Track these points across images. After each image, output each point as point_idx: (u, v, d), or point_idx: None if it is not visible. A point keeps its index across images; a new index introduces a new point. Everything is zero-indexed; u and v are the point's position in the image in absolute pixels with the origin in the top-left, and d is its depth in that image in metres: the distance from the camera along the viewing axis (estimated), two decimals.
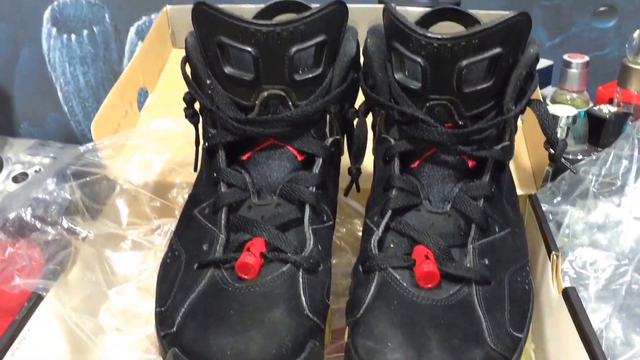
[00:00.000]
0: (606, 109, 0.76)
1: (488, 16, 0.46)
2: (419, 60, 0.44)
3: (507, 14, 0.43)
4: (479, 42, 0.43)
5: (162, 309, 0.45)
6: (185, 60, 0.49)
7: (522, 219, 0.55)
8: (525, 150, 0.68)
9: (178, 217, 0.53)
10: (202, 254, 0.46)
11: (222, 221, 0.46)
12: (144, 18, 1.04)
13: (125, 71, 0.72)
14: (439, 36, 0.43)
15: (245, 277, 0.43)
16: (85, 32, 1.05)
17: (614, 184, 0.65)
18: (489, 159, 0.47)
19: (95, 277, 0.54)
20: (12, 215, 0.52)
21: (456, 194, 0.47)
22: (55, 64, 1.07)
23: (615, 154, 0.66)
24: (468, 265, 0.45)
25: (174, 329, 0.43)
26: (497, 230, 0.47)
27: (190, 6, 0.46)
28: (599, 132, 0.76)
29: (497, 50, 0.43)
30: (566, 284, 0.50)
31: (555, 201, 0.66)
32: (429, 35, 0.43)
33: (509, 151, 0.49)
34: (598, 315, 0.55)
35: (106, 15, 1.04)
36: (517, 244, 0.49)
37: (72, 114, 1.11)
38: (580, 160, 0.69)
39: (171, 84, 0.81)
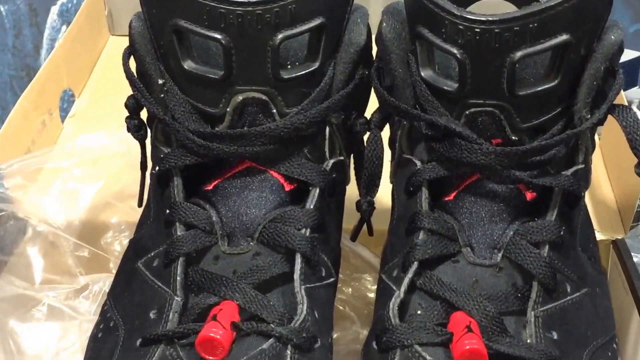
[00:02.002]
0: None
1: None
2: (455, 51, 0.44)
3: None
4: (538, 27, 0.43)
5: None
6: (129, 52, 0.50)
7: (605, 274, 0.55)
8: (606, 177, 0.68)
9: (114, 272, 0.53)
10: (148, 324, 0.46)
11: (178, 278, 0.46)
12: None
13: (43, 67, 0.73)
14: (484, 18, 0.43)
15: (210, 357, 0.43)
16: None
17: None
18: (555, 189, 0.47)
19: None
20: None
21: (510, 238, 0.47)
22: None
23: None
24: (528, 340, 0.45)
25: None
26: (569, 290, 0.47)
27: None
28: None
29: (564, 37, 0.43)
30: None
31: None
32: (470, 17, 0.43)
33: (583, 178, 0.49)
34: None
35: None
36: (599, 310, 0.49)
37: None
38: None
39: (107, 85, 0.81)
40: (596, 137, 0.71)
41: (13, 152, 0.64)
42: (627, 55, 0.91)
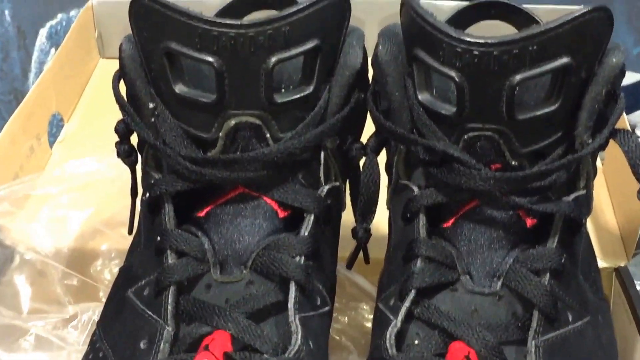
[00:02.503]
0: None
1: (550, 13, 0.47)
2: (453, 74, 0.44)
3: (577, 9, 0.43)
4: (538, 49, 0.43)
5: None
6: (119, 75, 0.50)
7: (608, 302, 0.55)
8: (609, 203, 0.68)
9: (104, 301, 0.53)
10: (138, 354, 0.46)
11: (169, 307, 0.46)
12: (59, 16, 1.05)
13: (31, 91, 0.73)
14: (482, 41, 0.43)
15: None
16: None
17: None
18: (556, 216, 0.47)
19: None
20: None
21: (510, 266, 0.47)
22: None
23: None
24: None
25: None
26: (570, 319, 0.47)
27: (126, 0, 0.46)
28: None
29: (564, 60, 0.43)
30: None
31: None
32: (468, 39, 0.43)
33: (585, 204, 0.49)
34: None
35: (6, 12, 1.05)
36: (601, 339, 0.49)
37: None
38: None
39: (97, 109, 0.81)
40: (599, 162, 0.71)
41: (0, 178, 0.64)
42: (631, 78, 0.91)
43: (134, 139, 0.52)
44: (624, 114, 0.65)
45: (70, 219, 0.62)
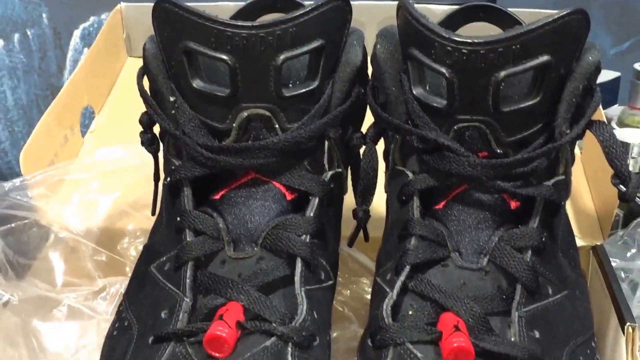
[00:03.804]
0: None
1: (533, 16, 0.47)
2: (444, 71, 0.44)
3: (556, 12, 0.43)
4: (521, 48, 0.43)
5: None
6: (143, 71, 0.50)
7: (585, 278, 0.55)
8: (587, 188, 0.68)
9: (130, 275, 0.53)
10: (159, 323, 0.46)
11: (187, 280, 0.46)
12: (91, 19, 1.05)
13: (65, 86, 0.73)
14: (470, 40, 0.43)
15: (217, 354, 0.43)
16: (16, 36, 1.06)
17: None
18: (537, 199, 0.47)
19: (18, 354, 0.54)
20: None
21: (495, 244, 0.47)
22: None
23: None
24: (512, 339, 0.44)
25: None
26: (550, 292, 0.47)
27: (150, 5, 0.46)
28: None
29: (544, 58, 0.43)
30: None
31: (629, 255, 0.65)
32: (457, 39, 0.43)
33: (564, 188, 0.49)
34: None
35: (44, 15, 1.05)
36: (578, 311, 0.49)
37: None
38: None
39: (124, 103, 0.81)
40: (577, 150, 0.71)
41: (37, 164, 0.64)
42: (608, 75, 0.91)
43: (157, 129, 0.52)
44: (601, 108, 0.65)
45: (99, 201, 0.63)
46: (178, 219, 0.49)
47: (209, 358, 0.43)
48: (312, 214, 0.49)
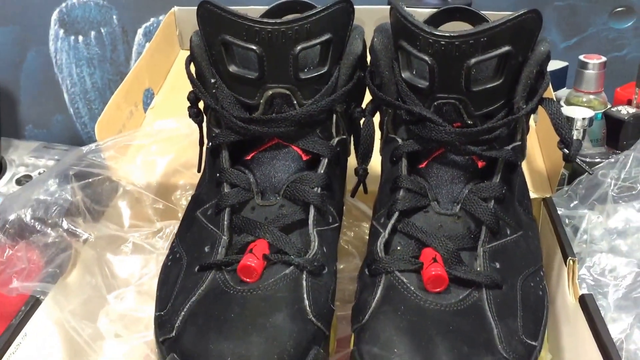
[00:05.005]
0: (625, 110, 0.76)
1: (499, 16, 0.46)
2: (427, 58, 0.43)
3: (516, 12, 0.42)
4: (487, 40, 0.42)
5: (162, 313, 0.45)
6: (190, 59, 0.50)
7: (536, 222, 0.54)
8: (540, 153, 0.67)
9: (180, 219, 0.53)
10: (203, 256, 0.46)
11: (225, 222, 0.47)
12: (151, 19, 1.05)
13: (131, 72, 0.72)
14: (447, 34, 0.43)
15: (248, 280, 0.43)
16: (92, 33, 1.06)
17: (634, 188, 0.64)
18: (499, 160, 0.47)
19: (94, 280, 0.54)
20: (11, 217, 0.52)
21: (466, 195, 0.47)
22: (62, 66, 1.08)
23: (635, 157, 0.65)
24: (478, 269, 0.44)
25: (173, 333, 0.43)
26: (508, 233, 0.47)
27: None
28: (618, 134, 0.75)
29: (506, 48, 0.43)
30: (583, 291, 0.49)
31: (572, 205, 0.65)
32: (437, 33, 0.43)
33: (520, 151, 0.49)
34: (618, 325, 0.54)
35: (114, 16, 1.05)
36: (530, 247, 0.49)
37: (77, 116, 1.12)
38: (599, 163, 0.68)
39: (177, 86, 0.81)
40: (532, 122, 0.70)
41: (109, 132, 0.64)
42: (558, 64, 0.90)
43: (201, 105, 0.52)
44: (552, 89, 0.65)
45: (157, 162, 0.62)
46: (218, 175, 0.49)
47: (241, 282, 0.43)
48: (322, 171, 0.49)
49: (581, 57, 0.81)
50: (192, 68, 0.50)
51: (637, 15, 0.96)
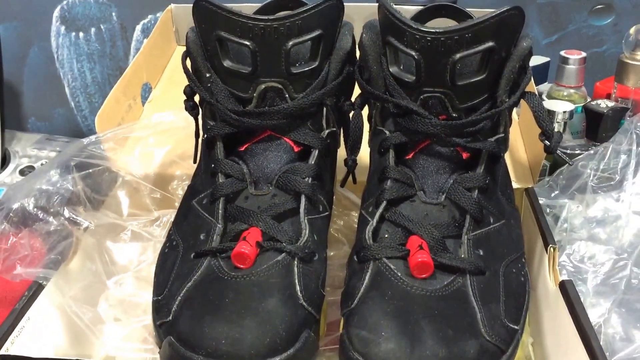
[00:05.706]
0: (604, 104, 0.76)
1: (483, 13, 0.46)
2: (413, 53, 0.43)
3: (499, 9, 0.42)
4: (471, 36, 0.42)
5: (159, 297, 0.45)
6: (186, 54, 0.49)
7: (518, 211, 0.54)
8: (522, 145, 0.68)
9: (177, 208, 0.53)
10: (199, 243, 0.46)
11: (220, 211, 0.46)
12: (149, 16, 1.04)
13: (129, 67, 0.72)
14: (433, 30, 0.42)
15: (241, 266, 0.43)
16: (92, 30, 1.05)
17: (612, 178, 0.64)
18: (483, 151, 0.47)
19: (95, 267, 0.54)
20: (15, 206, 0.52)
21: (450, 185, 0.47)
22: (63, 61, 1.08)
23: (613, 149, 0.65)
24: (462, 255, 0.44)
25: (170, 317, 0.43)
26: (491, 221, 0.47)
27: None
28: (597, 127, 0.75)
29: (489, 43, 0.43)
30: (564, 277, 0.49)
31: (552, 195, 0.65)
32: (423, 29, 0.43)
33: (503, 143, 0.49)
34: (597, 310, 0.54)
35: (113, 13, 1.04)
36: (512, 235, 0.49)
37: (78, 109, 1.12)
38: (579, 154, 0.68)
39: (174, 80, 0.81)
40: (515, 115, 0.70)
41: (108, 125, 0.64)
42: (540, 60, 0.90)
43: (197, 98, 0.51)
44: (534, 83, 0.65)
45: (155, 153, 0.62)
46: (213, 165, 0.49)
47: (235, 269, 0.43)
48: (313, 162, 0.49)
49: (562, 53, 0.82)
50: (188, 63, 0.50)
51: (616, 12, 0.96)
